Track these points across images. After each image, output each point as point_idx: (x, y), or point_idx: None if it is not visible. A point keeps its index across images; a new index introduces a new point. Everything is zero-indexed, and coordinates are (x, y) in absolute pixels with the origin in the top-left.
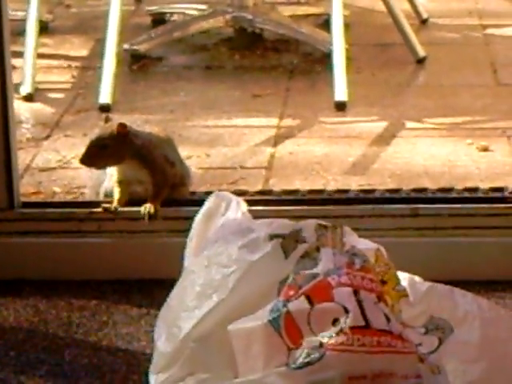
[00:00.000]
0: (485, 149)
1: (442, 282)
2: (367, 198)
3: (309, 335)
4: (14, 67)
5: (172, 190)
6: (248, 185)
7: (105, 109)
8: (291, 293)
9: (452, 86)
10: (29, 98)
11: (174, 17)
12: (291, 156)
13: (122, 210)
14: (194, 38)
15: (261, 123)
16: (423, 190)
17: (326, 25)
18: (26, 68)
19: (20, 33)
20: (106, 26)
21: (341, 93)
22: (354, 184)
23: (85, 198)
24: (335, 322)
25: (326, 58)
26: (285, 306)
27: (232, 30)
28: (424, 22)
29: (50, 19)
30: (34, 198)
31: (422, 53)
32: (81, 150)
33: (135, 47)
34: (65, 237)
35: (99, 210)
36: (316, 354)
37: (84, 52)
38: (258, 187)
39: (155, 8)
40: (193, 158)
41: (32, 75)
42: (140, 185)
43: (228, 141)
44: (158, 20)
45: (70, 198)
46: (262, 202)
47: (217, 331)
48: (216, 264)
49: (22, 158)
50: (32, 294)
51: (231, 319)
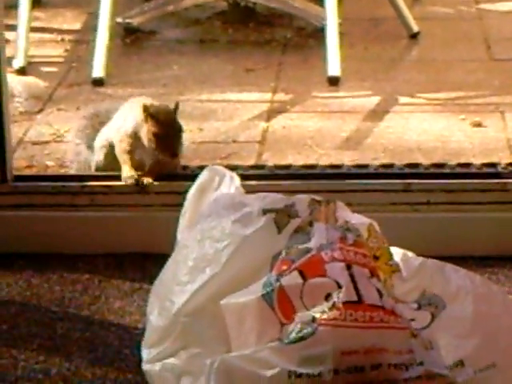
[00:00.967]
0: (478, 124)
1: (435, 258)
2: (360, 172)
3: (301, 310)
4: (7, 41)
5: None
6: (241, 159)
7: (98, 82)
8: (284, 267)
9: (445, 61)
10: (22, 71)
11: None
12: (284, 130)
13: (115, 183)
14: (188, 12)
15: (254, 97)
16: (416, 166)
17: None
18: (19, 42)
19: (13, 6)
20: (99, 0)
21: (334, 67)
22: (347, 159)
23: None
24: (328, 296)
25: (319, 33)
26: (278, 280)
27: (225, 3)
28: None
29: None
30: (26, 172)
31: (415, 28)
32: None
33: (128, 21)
34: (57, 210)
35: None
36: (309, 329)
37: (77, 25)
38: (251, 161)
39: None
40: (186, 132)
41: (25, 49)
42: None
43: (221, 115)
44: None
45: (62, 171)
46: (255, 176)
47: (209, 306)
48: (209, 238)
49: (14, 131)
50: (24, 268)
51: (224, 294)
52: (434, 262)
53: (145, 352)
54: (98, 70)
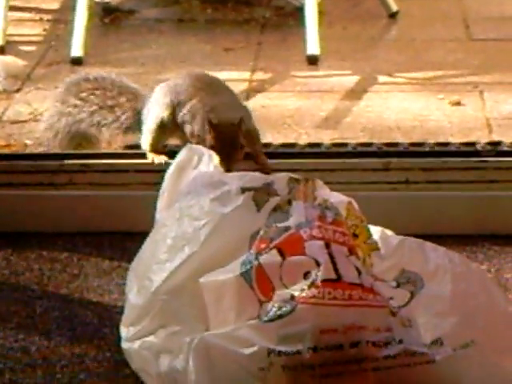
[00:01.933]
0: (457, 103)
1: (414, 236)
2: (339, 151)
3: (280, 288)
4: None
5: None
6: None
7: (76, 61)
8: (263, 246)
9: (424, 40)
10: (0, 50)
11: None
12: (263, 109)
13: (93, 162)
14: None
15: (233, 77)
16: (395, 144)
17: None
18: None
19: None
20: None
21: (313, 47)
22: (326, 138)
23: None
24: (306, 275)
25: (298, 12)
26: (256, 258)
27: None
28: None
29: None
30: (5, 151)
31: (394, 7)
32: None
33: (107, 0)
34: (36, 189)
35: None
36: (287, 307)
37: (55, 5)
38: None
39: None
40: None
41: (3, 28)
42: None
43: None
44: None
45: (41, 150)
46: None
47: (188, 284)
48: (188, 217)
49: None
50: (3, 246)
51: (203, 272)
52: (413, 241)
53: (124, 330)
54: (77, 49)
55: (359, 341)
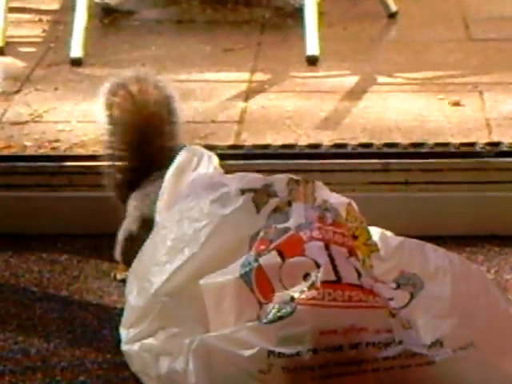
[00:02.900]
0: (456, 104)
1: (414, 237)
2: (339, 152)
3: (280, 290)
4: None
5: None
6: (219, 139)
7: (76, 62)
8: (262, 247)
9: (424, 41)
10: None
11: None
12: (263, 110)
13: (93, 163)
14: None
15: (232, 77)
16: (395, 145)
17: None
18: None
19: None
20: None
21: (312, 47)
22: (326, 139)
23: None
24: (306, 276)
25: (298, 12)
26: (256, 260)
27: None
28: None
29: None
30: (5, 152)
31: (393, 7)
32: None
33: (106, 1)
34: (36, 191)
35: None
36: (287, 309)
37: (55, 6)
38: (230, 141)
39: None
40: None
41: (2, 29)
42: None
43: (199, 95)
44: None
45: (41, 151)
46: (234, 156)
47: (188, 286)
48: (187, 218)
49: None
50: (3, 249)
51: (203, 273)
52: (413, 242)
53: (123, 332)
54: (76, 50)
55: (359, 342)
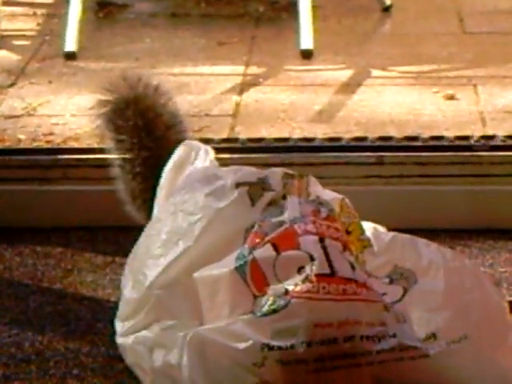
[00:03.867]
0: (451, 97)
1: (408, 231)
2: (333, 146)
3: (274, 283)
4: None
5: None
6: (213, 133)
7: (70, 56)
8: (257, 240)
9: (418, 34)
10: None
11: None
12: (257, 104)
13: (87, 157)
14: None
15: (226, 71)
16: (389, 139)
17: None
18: None
19: None
20: None
21: (307, 41)
22: (320, 132)
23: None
24: (301, 269)
25: (292, 6)
26: (251, 253)
27: None
28: None
29: None
30: None
31: (387, 1)
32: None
33: None
34: (30, 184)
35: None
36: (281, 302)
37: None
38: (224, 135)
39: None
40: None
41: None
42: None
43: (194, 88)
44: None
45: (35, 145)
46: (228, 149)
47: (183, 278)
48: (182, 211)
49: None
50: None
51: (197, 266)
52: (405, 237)
53: (118, 325)
54: (71, 43)
55: (353, 335)
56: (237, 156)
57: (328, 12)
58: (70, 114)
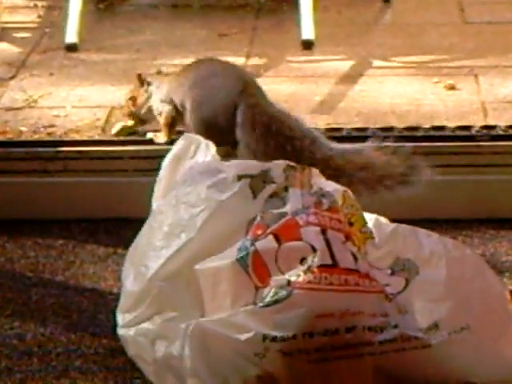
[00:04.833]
0: (451, 87)
1: (409, 221)
2: (334, 136)
3: (276, 274)
4: None
5: None
6: None
7: (71, 48)
8: (259, 232)
9: (419, 24)
10: None
11: None
12: None
13: (88, 149)
14: None
15: None
16: (390, 129)
17: None
18: None
19: None
20: None
21: (308, 31)
22: (321, 123)
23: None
24: (303, 260)
25: None
26: (253, 244)
27: None
28: None
29: None
30: (0, 138)
31: None
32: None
33: None
34: (31, 176)
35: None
36: (283, 293)
37: None
38: None
39: None
40: None
41: None
42: None
43: None
44: None
45: (36, 137)
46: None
47: (184, 270)
48: (184, 203)
49: None
50: None
51: (199, 258)
52: (407, 228)
53: (120, 317)
54: (72, 35)
55: (355, 326)
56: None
57: (328, 3)
58: (71, 105)
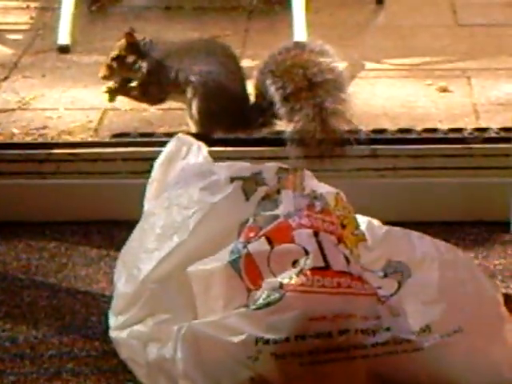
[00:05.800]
0: (444, 89)
1: (402, 223)
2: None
3: (269, 276)
4: None
5: None
6: None
7: (63, 50)
8: (251, 234)
9: (411, 26)
10: None
11: None
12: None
13: (81, 151)
14: None
15: None
16: (382, 131)
17: None
18: None
19: None
20: None
21: (300, 33)
22: None
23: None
24: (295, 263)
25: None
26: (245, 247)
27: None
28: None
29: None
30: None
31: None
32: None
33: None
34: (24, 178)
35: None
36: (276, 295)
37: None
38: None
39: None
40: None
41: None
42: None
43: None
44: None
45: (29, 139)
46: (223, 142)
47: (177, 273)
48: (177, 205)
49: None
50: None
51: (191, 261)
52: (399, 230)
53: (112, 319)
54: (64, 37)
55: (348, 328)
56: (231, 149)
57: (321, 4)
58: (64, 107)
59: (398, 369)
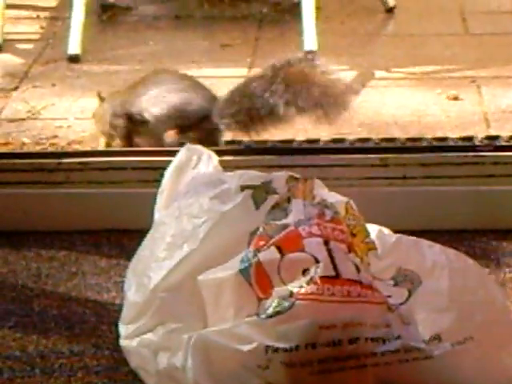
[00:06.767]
0: (454, 98)
1: (412, 232)
2: (336, 147)
3: (279, 285)
4: None
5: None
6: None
7: (73, 59)
8: (262, 243)
9: (421, 35)
10: None
11: None
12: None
13: (91, 160)
14: None
15: (230, 73)
16: (393, 140)
17: None
18: None
19: None
20: None
21: (310, 42)
22: (324, 134)
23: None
24: (305, 271)
25: (295, 7)
26: (255, 255)
27: None
28: None
29: None
30: (3, 149)
31: (391, 2)
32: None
33: None
34: (34, 187)
35: None
36: (286, 304)
37: (52, 2)
38: (228, 137)
39: None
40: None
41: (0, 26)
42: None
43: None
44: None
45: (39, 148)
46: (232, 151)
47: (187, 281)
48: (187, 215)
49: None
50: (1, 245)
51: (202, 269)
52: (409, 239)
53: (122, 328)
54: (74, 46)
55: (358, 337)
56: (240, 158)
57: (331, 13)
58: (74, 117)
59: (408, 377)
